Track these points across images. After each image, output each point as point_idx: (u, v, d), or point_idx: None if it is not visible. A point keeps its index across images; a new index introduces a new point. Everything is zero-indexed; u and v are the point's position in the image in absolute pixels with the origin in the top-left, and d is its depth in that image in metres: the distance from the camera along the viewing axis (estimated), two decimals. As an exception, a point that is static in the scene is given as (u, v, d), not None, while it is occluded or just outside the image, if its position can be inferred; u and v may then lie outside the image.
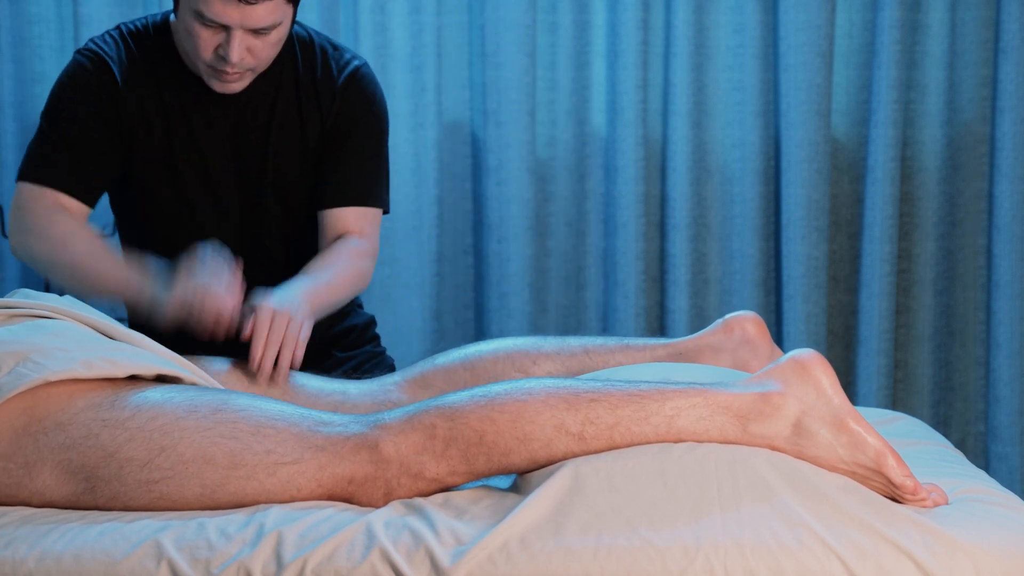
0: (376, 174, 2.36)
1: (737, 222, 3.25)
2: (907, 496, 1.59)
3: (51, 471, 1.64)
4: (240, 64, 2.15)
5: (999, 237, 3.23)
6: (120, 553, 1.52)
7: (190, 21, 2.14)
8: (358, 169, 2.33)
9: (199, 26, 2.13)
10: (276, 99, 2.29)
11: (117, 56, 2.26)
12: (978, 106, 3.26)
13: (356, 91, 2.32)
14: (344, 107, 2.31)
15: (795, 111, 3.19)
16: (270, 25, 2.13)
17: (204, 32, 2.13)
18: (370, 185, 2.35)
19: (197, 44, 2.15)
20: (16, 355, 1.69)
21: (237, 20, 2.11)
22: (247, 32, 2.13)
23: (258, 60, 2.18)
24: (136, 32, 2.29)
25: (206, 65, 2.18)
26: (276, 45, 2.18)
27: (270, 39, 2.16)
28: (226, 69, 2.16)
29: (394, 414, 1.64)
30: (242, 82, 2.21)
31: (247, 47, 2.14)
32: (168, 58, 2.26)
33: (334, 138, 2.32)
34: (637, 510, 1.53)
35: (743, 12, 3.20)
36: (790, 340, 3.21)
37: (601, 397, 1.62)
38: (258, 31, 2.13)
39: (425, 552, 1.49)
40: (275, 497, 1.61)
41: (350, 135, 2.31)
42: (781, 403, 1.62)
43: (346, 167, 2.32)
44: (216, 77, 2.19)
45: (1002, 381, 3.25)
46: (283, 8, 2.14)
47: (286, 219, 2.34)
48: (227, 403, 1.66)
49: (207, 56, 2.16)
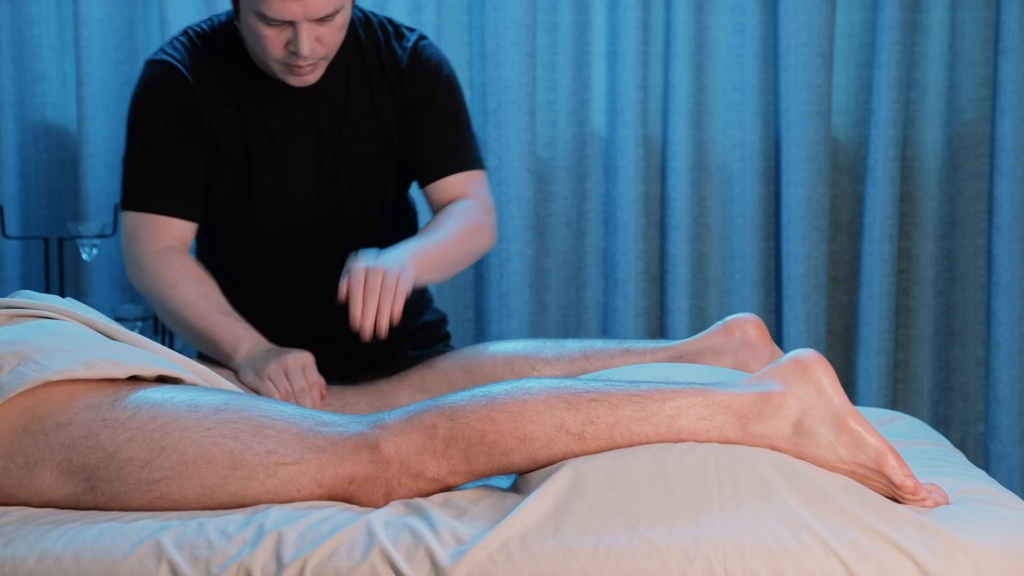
0: (463, 138, 2.36)
1: (737, 222, 3.26)
2: (907, 496, 1.59)
3: (51, 471, 1.64)
4: (312, 55, 2.15)
5: (999, 237, 3.23)
6: (120, 553, 1.52)
7: (254, 22, 2.14)
8: (446, 139, 2.33)
9: (264, 26, 2.13)
10: (347, 86, 2.29)
11: (188, 62, 2.26)
12: (978, 106, 3.26)
13: (422, 65, 2.32)
14: (414, 84, 2.31)
15: (795, 111, 3.19)
16: (333, 11, 2.13)
17: (270, 31, 2.13)
18: (462, 150, 2.34)
19: (265, 44, 2.15)
20: (17, 355, 1.69)
21: (300, 13, 2.11)
22: (312, 23, 2.12)
23: (328, 47, 2.18)
24: (203, 35, 2.29)
25: (278, 63, 2.17)
26: (342, 29, 2.18)
27: (336, 24, 2.15)
28: (299, 63, 2.16)
29: (394, 414, 1.64)
30: (316, 72, 2.21)
31: (315, 37, 2.14)
32: (237, 58, 2.26)
33: (413, 116, 2.31)
34: (637, 510, 1.53)
35: (743, 12, 3.20)
36: (790, 340, 3.21)
37: (602, 397, 1.62)
38: (322, 19, 2.13)
39: (425, 552, 1.49)
40: (275, 497, 1.61)
41: (428, 109, 2.31)
42: (781, 403, 1.62)
43: (436, 139, 2.32)
44: (290, 72, 2.19)
45: (1002, 381, 3.25)
46: None
47: (361, 209, 2.33)
48: (228, 403, 1.66)
49: (278, 54, 2.16)
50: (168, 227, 2.24)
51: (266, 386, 2.05)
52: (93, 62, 3.11)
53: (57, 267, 3.06)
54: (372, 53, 2.30)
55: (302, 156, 2.28)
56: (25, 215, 3.19)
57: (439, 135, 2.32)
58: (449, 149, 2.32)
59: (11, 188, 3.15)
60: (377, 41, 2.31)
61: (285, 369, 2.04)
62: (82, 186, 3.14)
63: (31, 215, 3.20)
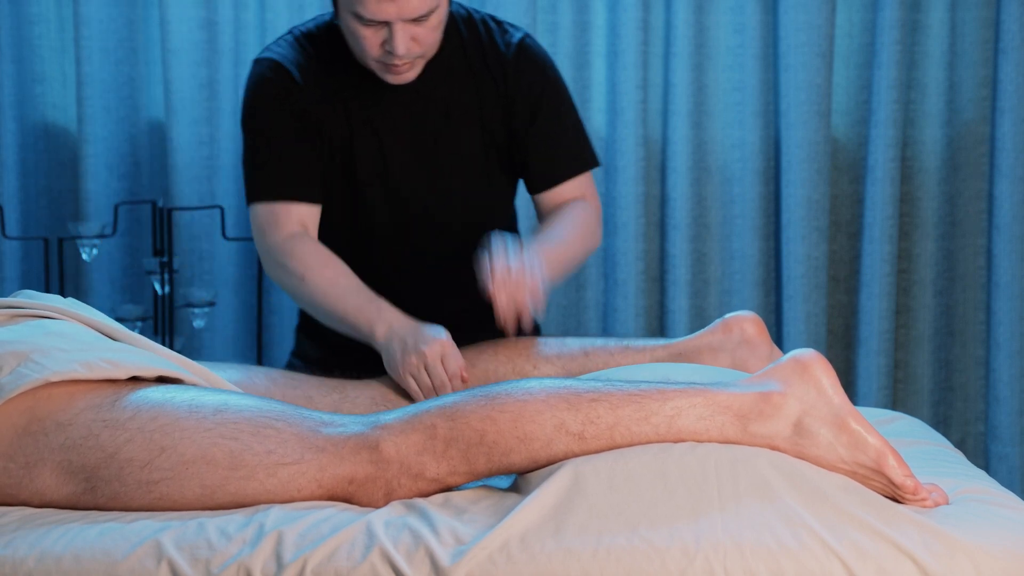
0: (574, 137, 2.37)
1: (737, 222, 3.25)
2: (907, 496, 1.59)
3: (51, 471, 1.64)
4: (408, 54, 2.18)
5: (999, 237, 3.23)
6: (120, 553, 1.52)
7: (351, 22, 2.17)
8: (556, 141, 2.35)
9: (361, 26, 2.16)
10: (450, 83, 2.31)
11: (295, 60, 2.30)
12: (978, 106, 3.26)
13: (526, 64, 2.34)
14: (520, 83, 2.33)
15: (795, 111, 3.19)
16: (427, 11, 2.15)
17: (367, 31, 2.17)
18: (573, 152, 2.36)
19: (363, 44, 2.18)
20: (18, 355, 1.69)
21: (395, 14, 2.13)
22: (407, 23, 2.15)
23: (424, 47, 2.20)
24: (309, 35, 2.33)
25: (375, 61, 2.21)
26: (438, 28, 2.20)
27: (431, 23, 2.18)
28: (395, 62, 2.19)
29: (394, 414, 1.64)
30: (414, 71, 2.24)
31: (411, 36, 2.17)
32: (340, 57, 2.29)
33: (521, 119, 2.33)
34: (637, 510, 1.53)
35: (743, 12, 3.20)
36: (790, 340, 3.21)
37: (602, 397, 1.62)
38: (417, 19, 2.15)
39: (425, 552, 1.49)
40: (275, 497, 1.61)
41: (537, 112, 2.33)
42: (781, 403, 1.62)
43: (545, 145, 2.34)
44: (388, 71, 2.22)
45: (1002, 381, 3.25)
46: None
47: (466, 202, 2.35)
48: (228, 404, 1.66)
49: (375, 53, 2.19)
50: (290, 213, 2.26)
51: (408, 384, 2.05)
52: (93, 62, 3.11)
53: (57, 267, 3.06)
54: (475, 48, 2.33)
55: (406, 151, 2.31)
56: (25, 215, 3.19)
57: (548, 141, 2.34)
58: (558, 156, 2.35)
59: (11, 188, 3.15)
60: (479, 37, 2.34)
61: (424, 363, 2.04)
62: (82, 186, 3.14)
63: (31, 215, 3.20)
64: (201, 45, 3.15)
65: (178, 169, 3.14)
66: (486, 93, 2.32)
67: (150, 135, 3.22)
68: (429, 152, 2.32)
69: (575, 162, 2.36)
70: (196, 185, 3.16)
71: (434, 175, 2.33)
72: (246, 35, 3.18)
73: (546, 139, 2.34)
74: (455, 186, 2.34)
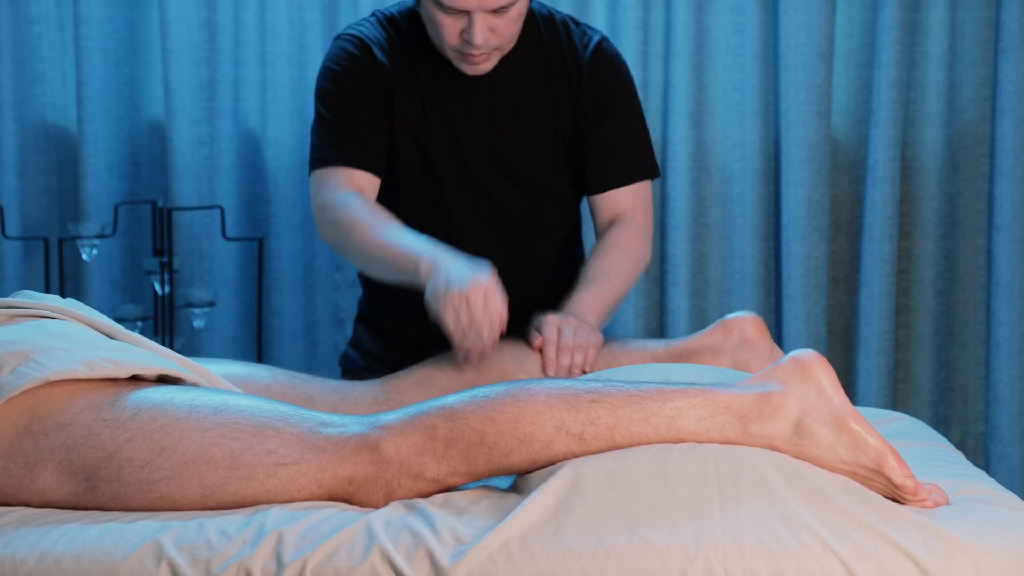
0: (638, 146, 2.39)
1: (737, 222, 3.25)
2: (908, 496, 1.59)
3: (52, 471, 1.64)
4: (485, 45, 2.21)
5: (999, 237, 3.23)
6: (120, 553, 1.52)
7: (432, 10, 2.21)
8: (620, 147, 2.37)
9: (441, 14, 2.19)
10: (526, 80, 2.34)
11: (377, 40, 2.33)
12: (978, 106, 3.26)
13: (602, 67, 2.36)
14: (593, 85, 2.35)
15: (795, 111, 3.19)
16: (508, 3, 2.17)
17: (446, 19, 2.20)
18: (635, 160, 2.38)
19: (441, 32, 2.21)
20: (18, 355, 1.69)
21: (475, 4, 2.17)
22: (487, 13, 2.18)
23: (502, 38, 2.23)
24: (391, 18, 2.37)
25: (453, 50, 2.24)
26: (517, 21, 2.23)
27: (510, 16, 2.20)
28: (472, 52, 2.22)
29: (394, 414, 1.64)
30: (490, 62, 2.26)
31: (489, 27, 2.19)
32: (422, 43, 2.32)
33: (589, 120, 2.35)
34: (637, 510, 1.53)
35: (743, 12, 3.20)
36: (790, 340, 3.21)
37: (601, 398, 1.62)
38: (497, 10, 2.18)
39: (425, 552, 1.49)
40: (275, 498, 1.61)
41: (605, 114, 2.35)
42: (781, 403, 1.62)
43: (608, 148, 2.36)
44: (464, 60, 2.25)
45: (1002, 381, 3.25)
46: None
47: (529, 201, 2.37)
48: (228, 404, 1.66)
49: (453, 42, 2.22)
50: (352, 177, 2.28)
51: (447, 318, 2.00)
52: (93, 62, 3.11)
53: (57, 267, 3.06)
54: (553, 48, 2.35)
55: (477, 140, 2.34)
56: (25, 215, 3.19)
57: (615, 143, 2.36)
58: (622, 159, 2.37)
59: (11, 188, 3.15)
60: (559, 37, 2.36)
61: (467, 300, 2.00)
62: (82, 186, 3.14)
63: (31, 215, 3.20)
64: (201, 45, 3.15)
65: (178, 169, 3.14)
66: (560, 94, 2.35)
67: (150, 135, 3.22)
68: (500, 144, 2.35)
69: (633, 169, 2.38)
70: (196, 185, 3.16)
71: (504, 166, 2.36)
72: (246, 35, 3.18)
73: (608, 142, 2.36)
74: (523, 178, 2.37)
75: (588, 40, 2.37)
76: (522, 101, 2.34)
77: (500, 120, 2.34)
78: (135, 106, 3.20)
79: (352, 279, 3.22)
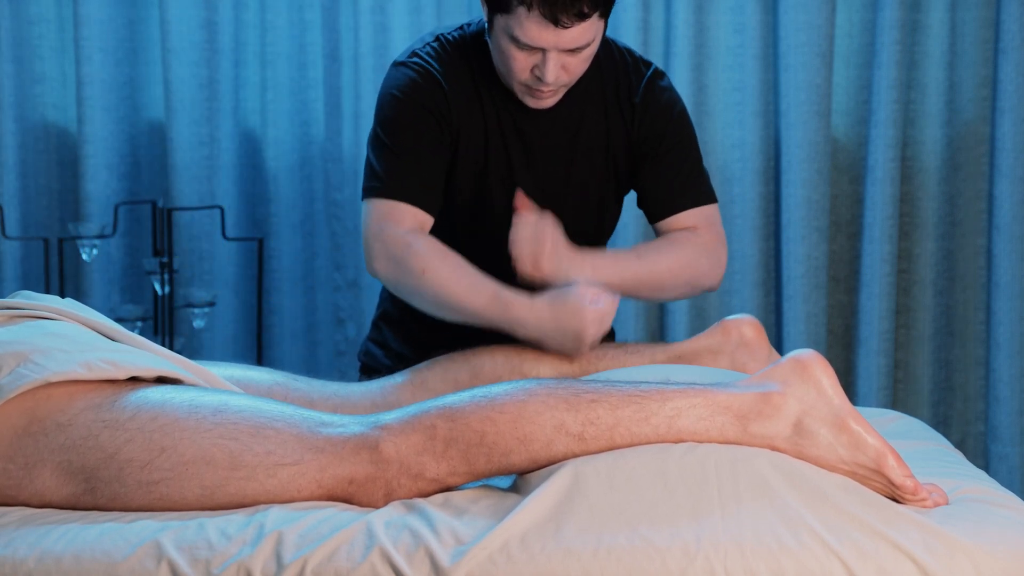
0: (692, 174, 2.38)
1: (737, 222, 3.26)
2: (907, 496, 1.59)
3: (51, 472, 1.64)
4: (556, 83, 2.19)
5: (999, 237, 3.23)
6: (120, 553, 1.52)
7: (505, 43, 2.17)
8: (676, 177, 2.35)
9: (514, 48, 2.16)
10: (584, 113, 2.32)
11: (442, 67, 2.29)
12: (978, 106, 3.26)
13: (654, 102, 2.34)
14: (645, 121, 2.33)
15: (795, 111, 3.19)
16: (584, 44, 2.16)
17: (519, 54, 2.17)
18: (691, 187, 2.36)
19: (512, 65, 2.19)
20: (17, 356, 1.69)
21: (552, 43, 2.13)
22: (562, 52, 2.15)
23: (572, 76, 2.21)
24: (455, 42, 2.32)
25: (521, 84, 2.21)
26: (588, 60, 2.21)
27: (584, 55, 2.18)
28: (541, 88, 2.20)
29: (394, 415, 1.64)
30: (555, 97, 2.25)
31: (562, 65, 2.17)
32: (485, 69, 2.30)
33: (643, 151, 2.34)
34: (637, 510, 1.53)
35: (743, 12, 3.20)
36: (790, 340, 3.21)
37: (601, 398, 1.62)
38: (572, 50, 2.16)
39: (425, 552, 1.49)
40: (275, 498, 1.61)
41: (660, 146, 2.34)
42: (781, 403, 1.62)
43: (662, 179, 2.34)
44: (530, 94, 2.23)
45: (1002, 381, 3.25)
46: (596, 26, 2.16)
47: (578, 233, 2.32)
48: (227, 404, 1.66)
49: (523, 77, 2.20)
50: (414, 214, 2.24)
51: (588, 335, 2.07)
52: (93, 62, 3.11)
53: (57, 267, 3.06)
54: (611, 81, 2.34)
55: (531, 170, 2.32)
56: (25, 215, 3.19)
57: (668, 174, 2.35)
58: (678, 187, 2.36)
59: (11, 188, 3.15)
60: (616, 72, 2.35)
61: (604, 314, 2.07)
62: (82, 186, 3.14)
63: (31, 215, 3.20)
64: (201, 45, 3.15)
65: (178, 169, 3.14)
66: (614, 126, 2.34)
67: (150, 135, 3.23)
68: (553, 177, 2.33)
69: (692, 195, 2.37)
70: (196, 185, 3.17)
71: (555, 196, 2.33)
72: (246, 35, 3.18)
73: (664, 174, 2.35)
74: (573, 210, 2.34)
75: (641, 76, 2.35)
76: (579, 130, 2.33)
77: (556, 154, 2.33)
78: (135, 106, 3.20)
79: (352, 279, 3.22)
